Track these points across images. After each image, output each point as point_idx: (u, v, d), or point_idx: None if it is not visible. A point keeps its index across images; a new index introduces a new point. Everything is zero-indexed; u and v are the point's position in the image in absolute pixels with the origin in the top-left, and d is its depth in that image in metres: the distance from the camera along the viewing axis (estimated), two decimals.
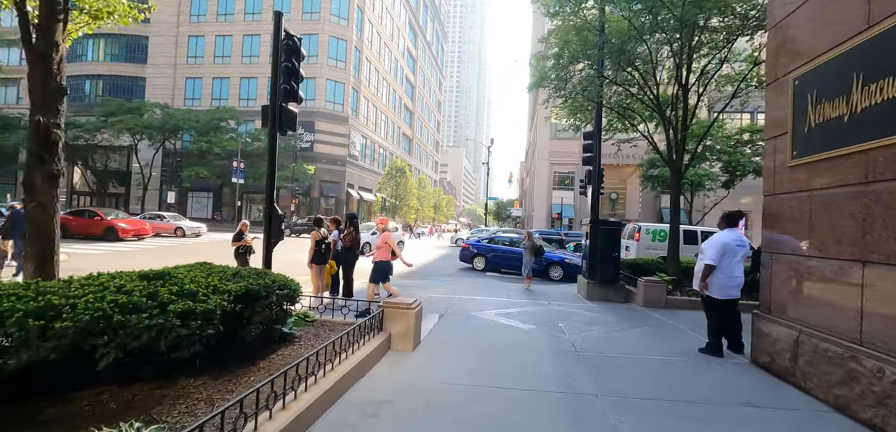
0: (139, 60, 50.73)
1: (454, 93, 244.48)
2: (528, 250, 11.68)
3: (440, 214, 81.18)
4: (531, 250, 11.67)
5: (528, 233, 12.47)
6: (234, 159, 38.60)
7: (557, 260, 14.74)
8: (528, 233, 12.29)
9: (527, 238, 11.98)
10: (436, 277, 13.24)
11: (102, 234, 19.10)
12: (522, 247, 12.02)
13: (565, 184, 42.51)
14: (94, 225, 19.27)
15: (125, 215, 20.77)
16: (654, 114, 11.58)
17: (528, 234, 12.27)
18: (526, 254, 11.68)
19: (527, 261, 11.59)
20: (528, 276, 11.56)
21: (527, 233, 12.34)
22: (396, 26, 65.43)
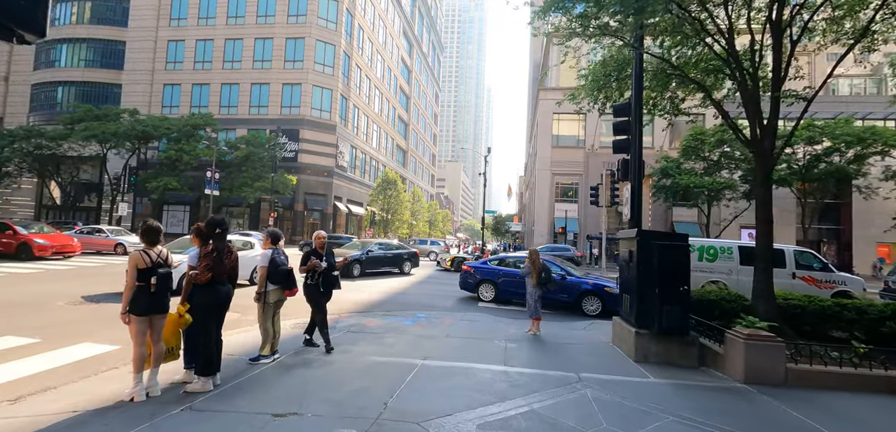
0: (115, 66, 47.84)
1: (452, 107, 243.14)
2: (531, 275, 8.13)
3: (435, 229, 77.85)
4: (537, 275, 8.10)
5: (531, 250, 8.72)
6: (209, 169, 35.37)
7: (593, 287, 11.05)
8: (531, 252, 8.55)
9: (529, 258, 8.37)
10: (416, 311, 9.83)
11: (15, 252, 15.76)
12: (523, 271, 8.44)
13: (568, 196, 39.39)
14: (4, 241, 15.92)
15: (50, 230, 17.50)
16: (721, 75, 8.12)
17: (531, 253, 8.51)
18: (529, 283, 8.18)
19: (532, 293, 8.07)
20: (536, 317, 8.00)
21: (530, 252, 8.59)
22: (390, 34, 62.89)
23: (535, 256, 8.26)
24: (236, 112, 44.99)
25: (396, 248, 19.72)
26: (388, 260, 18.61)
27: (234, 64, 45.81)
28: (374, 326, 7.76)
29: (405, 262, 19.28)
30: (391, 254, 18.90)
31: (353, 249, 18.00)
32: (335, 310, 9.68)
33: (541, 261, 8.23)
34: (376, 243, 19.27)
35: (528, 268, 8.17)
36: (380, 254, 18.44)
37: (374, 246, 18.76)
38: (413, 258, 19.91)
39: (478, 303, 12.01)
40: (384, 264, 18.42)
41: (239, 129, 43.32)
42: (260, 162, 38.26)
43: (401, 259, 19.19)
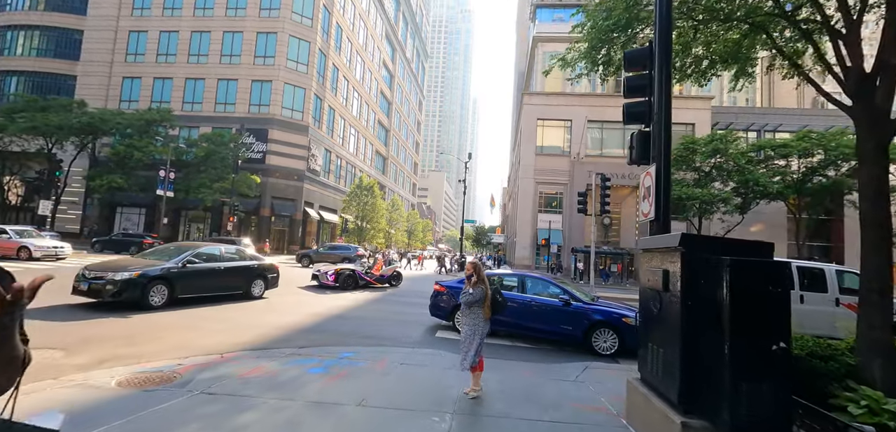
0: (71, 56, 44.40)
1: (437, 116, 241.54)
2: (483, 303, 5.16)
3: (415, 240, 75.19)
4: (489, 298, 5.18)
5: (473, 262, 5.61)
6: (162, 168, 32.31)
7: (606, 317, 8.36)
8: (473, 264, 5.45)
9: (473, 273, 5.28)
10: (349, 347, 7.15)
11: None
12: (466, 298, 5.23)
13: (552, 207, 37.35)
14: None
15: None
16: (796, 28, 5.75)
17: (473, 265, 5.40)
18: (470, 314, 5.20)
19: (474, 329, 5.12)
20: (475, 366, 5.13)
21: (471, 263, 5.47)
22: (371, 36, 60.57)
23: (479, 269, 5.23)
24: (201, 109, 41.94)
25: (237, 259, 12.35)
26: (218, 276, 11.44)
27: (201, 58, 42.85)
28: (259, 376, 5.21)
29: (255, 281, 12.41)
30: (224, 268, 11.63)
31: (158, 259, 10.65)
32: (228, 342, 7.12)
33: (482, 274, 5.20)
34: (204, 249, 11.70)
35: (476, 294, 5.04)
36: (205, 267, 11.15)
37: (198, 253, 11.31)
38: (267, 274, 12.84)
39: (451, 333, 9.16)
40: (213, 284, 11.31)
41: (203, 127, 40.28)
42: (222, 162, 35.30)
43: (244, 275, 12.18)
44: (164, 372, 5.18)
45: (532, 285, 9.23)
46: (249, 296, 12.17)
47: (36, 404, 4.02)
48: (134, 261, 10.58)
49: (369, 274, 16.57)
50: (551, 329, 8.70)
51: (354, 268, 16.32)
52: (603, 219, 34.69)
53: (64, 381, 4.71)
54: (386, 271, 17.43)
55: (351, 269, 16.15)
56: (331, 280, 15.45)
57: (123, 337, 6.84)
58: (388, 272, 17.49)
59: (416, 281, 24.25)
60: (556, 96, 39.23)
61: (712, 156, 26.95)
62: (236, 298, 11.84)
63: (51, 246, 17.99)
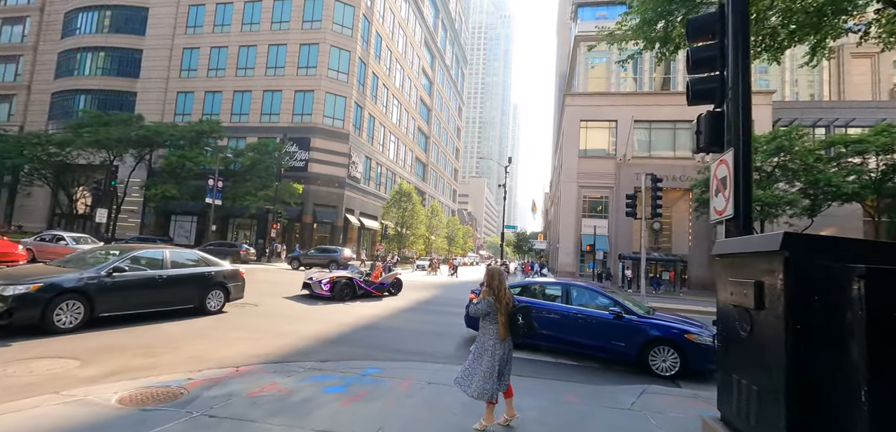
0: (132, 74, 47.25)
1: (477, 123, 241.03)
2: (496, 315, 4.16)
3: (455, 246, 74.62)
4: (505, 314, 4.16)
5: (491, 269, 4.41)
6: (211, 177, 33.49)
7: (664, 333, 7.32)
8: (492, 271, 4.36)
9: (486, 282, 4.32)
10: (372, 363, 6.46)
11: None
12: (475, 310, 4.32)
13: (597, 212, 35.72)
14: None
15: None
16: None
17: (491, 272, 4.35)
18: (486, 331, 4.24)
19: (488, 350, 4.15)
20: (491, 400, 4.15)
21: (489, 271, 4.38)
22: (411, 43, 60.90)
23: (494, 277, 4.22)
24: (247, 120, 43.41)
25: (189, 265, 9.83)
26: (159, 287, 8.88)
27: (247, 71, 44.43)
28: (270, 395, 4.69)
29: (211, 292, 9.90)
30: (167, 278, 9.06)
31: (76, 266, 8.38)
32: (248, 353, 6.72)
33: (508, 290, 4.24)
34: (142, 253, 9.26)
35: (479, 306, 4.18)
36: (140, 276, 8.65)
37: (134, 258, 8.80)
38: (227, 284, 10.32)
39: None
40: (151, 298, 8.80)
41: (249, 137, 41.58)
42: (266, 170, 36.26)
43: (197, 285, 9.71)
44: (171, 388, 4.78)
45: (578, 295, 8.32)
46: (203, 311, 9.67)
47: (19, 424, 3.66)
48: (40, 270, 8.23)
49: (368, 282, 14.90)
50: (600, 345, 7.75)
51: (351, 276, 14.53)
52: (653, 224, 32.78)
53: (65, 395, 4.39)
54: (385, 278, 15.71)
55: (348, 277, 14.37)
56: (325, 289, 13.46)
57: (142, 347, 6.60)
58: (388, 279, 15.82)
59: (454, 288, 23.61)
60: (599, 96, 37.64)
61: (775, 155, 24.75)
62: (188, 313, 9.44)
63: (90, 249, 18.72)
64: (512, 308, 4.17)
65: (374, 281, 15.02)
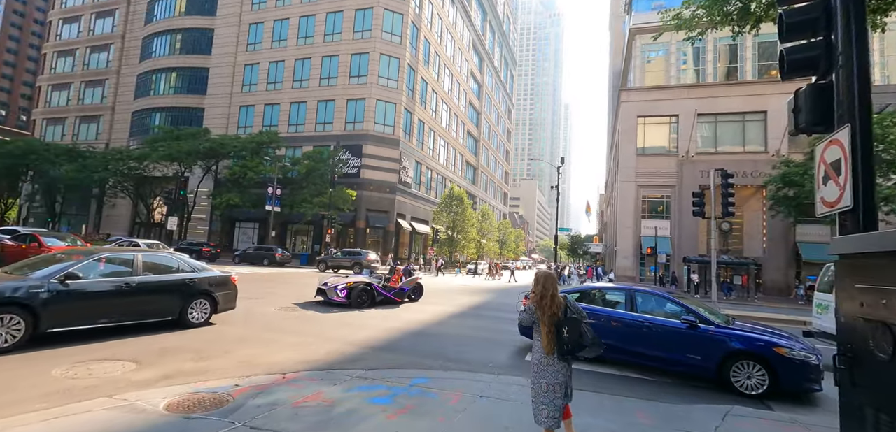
0: (200, 91, 50.56)
1: (527, 125, 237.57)
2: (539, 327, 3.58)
3: (507, 249, 73.53)
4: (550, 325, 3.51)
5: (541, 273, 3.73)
6: (270, 185, 35.02)
7: (748, 345, 6.39)
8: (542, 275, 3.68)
9: (535, 290, 3.63)
10: (418, 373, 6.01)
11: None
12: (524, 318, 3.78)
13: (658, 212, 33.73)
14: (30, 252, 15.22)
15: (72, 242, 16.86)
16: None
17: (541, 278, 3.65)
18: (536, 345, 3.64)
19: (545, 372, 3.53)
20: (547, 427, 3.56)
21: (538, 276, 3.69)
22: (459, 47, 60.90)
23: (543, 282, 3.59)
24: (303, 129, 45.09)
25: (170, 270, 8.52)
26: (127, 296, 7.62)
27: (303, 82, 46.19)
28: (313, 406, 4.46)
29: (193, 301, 8.54)
30: (138, 285, 7.78)
31: (19, 272, 7.21)
32: (297, 360, 6.61)
33: (560, 296, 3.61)
34: (110, 256, 8.12)
35: (527, 314, 3.67)
36: (102, 284, 7.39)
37: (89, 262, 7.48)
38: (214, 293, 8.87)
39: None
40: (116, 308, 7.51)
41: (305, 146, 43.15)
42: (321, 178, 37.47)
43: (176, 294, 8.34)
44: (218, 394, 4.70)
45: (643, 302, 7.57)
46: (184, 324, 8.33)
47: (68, 429, 3.66)
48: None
49: (387, 287, 13.76)
50: (672, 357, 6.97)
51: (370, 281, 13.37)
52: (722, 224, 30.43)
53: (117, 399, 4.42)
54: (405, 283, 14.50)
55: (366, 282, 13.20)
56: (341, 295, 12.45)
57: (195, 351, 6.70)
58: (409, 284, 14.65)
59: (508, 292, 23.00)
60: (657, 91, 35.58)
61: None
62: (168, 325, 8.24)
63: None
64: (559, 318, 3.59)
65: (394, 286, 13.99)
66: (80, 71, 59.34)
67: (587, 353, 3.51)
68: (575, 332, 3.45)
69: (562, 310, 3.48)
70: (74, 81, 59.36)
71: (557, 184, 36.70)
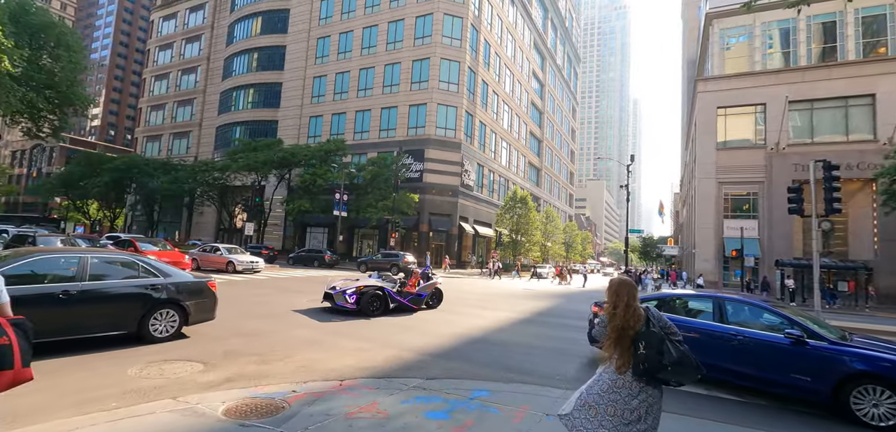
0: (274, 105, 53.87)
1: (592, 123, 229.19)
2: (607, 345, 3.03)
3: (573, 253, 71.01)
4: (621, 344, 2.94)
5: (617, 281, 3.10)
6: (337, 191, 36.37)
7: (872, 367, 5.33)
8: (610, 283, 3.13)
9: (610, 299, 3.07)
10: (479, 385, 5.61)
11: None
12: (598, 331, 3.22)
13: (744, 211, 30.85)
14: None
15: (163, 247, 18.35)
16: None
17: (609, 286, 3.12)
18: (607, 368, 3.07)
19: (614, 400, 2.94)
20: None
21: (613, 283, 3.10)
22: (519, 47, 59.89)
23: (614, 291, 3.06)
24: (368, 136, 46.43)
25: (108, 275, 7.02)
26: (63, 305, 6.24)
27: (367, 91, 47.61)
28: (367, 417, 4.24)
29: (157, 311, 7.35)
30: (79, 292, 6.41)
31: None
32: (355, 366, 6.49)
33: (640, 306, 3.03)
34: (44, 259, 6.65)
35: (599, 327, 3.20)
36: (28, 291, 5.97)
37: (25, 266, 6.28)
38: (182, 302, 7.57)
39: None
40: (53, 323, 6.10)
41: (370, 152, 44.42)
42: (385, 183, 38.37)
43: (134, 303, 7.13)
44: (275, 400, 4.66)
45: (735, 311, 6.64)
46: (146, 339, 7.11)
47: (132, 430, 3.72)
48: None
49: (402, 292, 12.52)
50: (771, 377, 6.00)
51: (383, 285, 12.02)
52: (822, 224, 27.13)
53: (180, 402, 4.51)
54: (422, 289, 13.09)
55: (378, 287, 11.83)
56: (350, 301, 11.19)
57: (258, 354, 6.82)
58: (427, 290, 13.24)
59: (576, 298, 21.98)
60: (740, 78, 32.50)
61: None
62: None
63: (249, 260, 21.32)
64: (636, 331, 2.96)
65: (410, 291, 12.74)
66: (172, 92, 65.64)
67: (674, 377, 2.90)
68: (654, 349, 2.85)
69: (641, 322, 2.94)
70: (168, 102, 65.74)
71: (627, 184, 34.69)
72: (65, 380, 5.12)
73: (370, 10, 48.71)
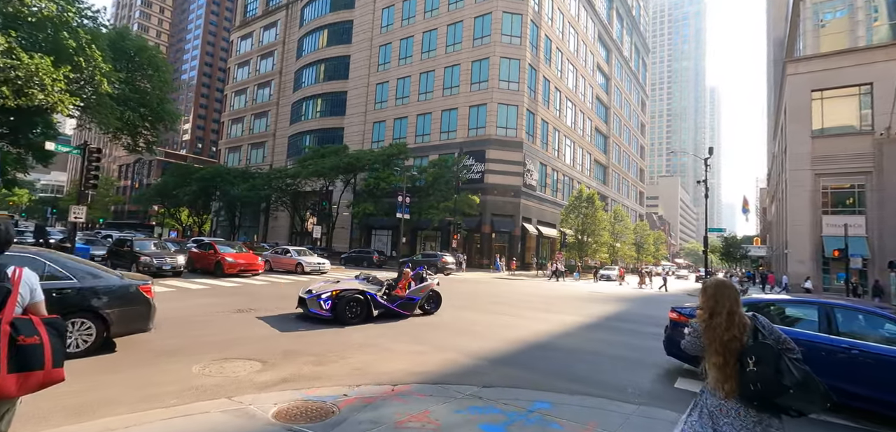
0: (339, 113, 56.11)
1: (664, 116, 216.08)
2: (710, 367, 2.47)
3: (645, 253, 67.08)
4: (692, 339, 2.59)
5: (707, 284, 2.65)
6: (399, 194, 36.98)
7: None
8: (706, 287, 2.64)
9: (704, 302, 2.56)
10: (542, 395, 5.23)
11: (213, 268, 17.71)
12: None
13: (847, 206, 27.41)
14: (208, 258, 18.13)
15: (239, 249, 19.54)
16: None
17: (704, 290, 2.62)
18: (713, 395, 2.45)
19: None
20: None
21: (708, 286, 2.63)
22: (582, 41, 57.67)
23: (712, 295, 2.52)
24: (429, 139, 46.87)
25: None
26: None
27: (427, 95, 48.10)
28: (417, 428, 4.00)
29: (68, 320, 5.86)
30: None
31: None
32: (408, 370, 6.28)
33: (745, 314, 2.49)
34: None
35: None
36: None
37: None
38: (101, 311, 6.22)
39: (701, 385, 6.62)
40: None
41: (431, 155, 44.81)
42: (446, 184, 38.48)
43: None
44: (326, 404, 4.55)
45: (846, 320, 5.61)
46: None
47: (183, 429, 3.73)
48: None
49: (391, 296, 10.84)
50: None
51: (365, 289, 10.26)
52: None
53: (234, 402, 4.54)
54: (414, 292, 11.17)
55: (359, 291, 10.09)
56: (325, 307, 9.61)
57: (315, 355, 6.83)
58: (419, 293, 11.27)
59: (650, 302, 20.55)
60: (839, 56, 28.79)
61: None
62: None
63: (316, 262, 22.24)
64: (742, 345, 2.40)
65: (400, 294, 10.95)
66: (250, 105, 70.56)
67: (797, 403, 2.29)
68: (768, 366, 2.24)
69: (747, 333, 2.39)
70: (246, 115, 70.75)
71: (705, 179, 32.03)
72: (133, 375, 5.38)
73: (429, 15, 49.19)
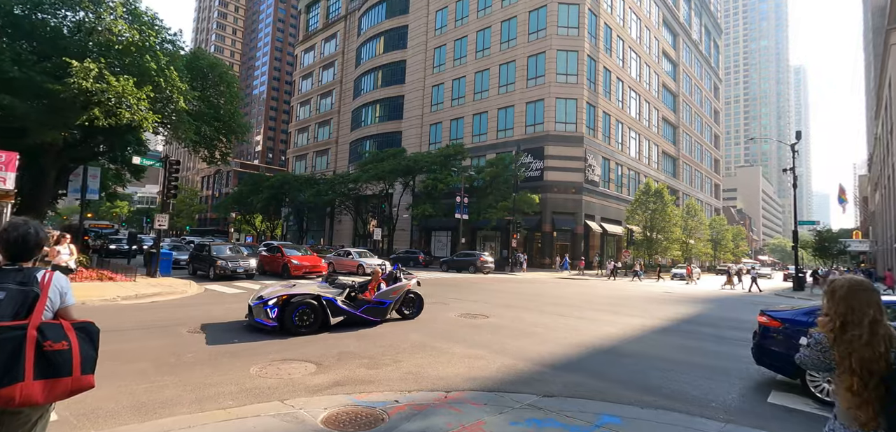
0: (397, 117, 57.20)
1: (741, 101, 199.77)
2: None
3: (723, 250, 62.12)
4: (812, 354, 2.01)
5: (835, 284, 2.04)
6: (457, 194, 36.91)
7: None
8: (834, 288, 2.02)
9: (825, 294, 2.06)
10: (608, 408, 4.71)
11: (281, 270, 18.57)
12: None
13: None
14: (276, 261, 19.04)
15: (305, 252, 20.33)
16: None
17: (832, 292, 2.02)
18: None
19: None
20: None
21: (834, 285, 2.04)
22: (646, 27, 54.56)
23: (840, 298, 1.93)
24: (485, 138, 46.46)
25: None
26: None
27: (483, 94, 47.72)
28: None
29: None
30: None
31: None
32: (464, 375, 5.96)
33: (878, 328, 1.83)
34: None
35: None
36: None
37: None
38: None
39: (798, 400, 5.48)
40: None
41: (488, 154, 44.37)
42: (505, 183, 37.90)
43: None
44: (376, 410, 4.37)
45: None
46: None
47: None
48: None
49: (356, 299, 9.33)
50: None
51: (319, 293, 8.72)
52: None
53: (286, 405, 4.49)
54: (383, 296, 9.56)
55: (313, 296, 8.56)
56: (272, 316, 8.20)
57: (369, 358, 6.71)
58: (388, 296, 9.62)
59: (733, 304, 18.82)
60: None
61: None
62: None
63: (376, 263, 22.57)
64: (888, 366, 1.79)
65: (368, 298, 9.42)
66: (314, 115, 73.94)
67: None
68: None
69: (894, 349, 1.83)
70: (310, 124, 74.22)
71: (793, 167, 28.98)
72: (193, 376, 5.52)
73: (483, 13, 48.80)
